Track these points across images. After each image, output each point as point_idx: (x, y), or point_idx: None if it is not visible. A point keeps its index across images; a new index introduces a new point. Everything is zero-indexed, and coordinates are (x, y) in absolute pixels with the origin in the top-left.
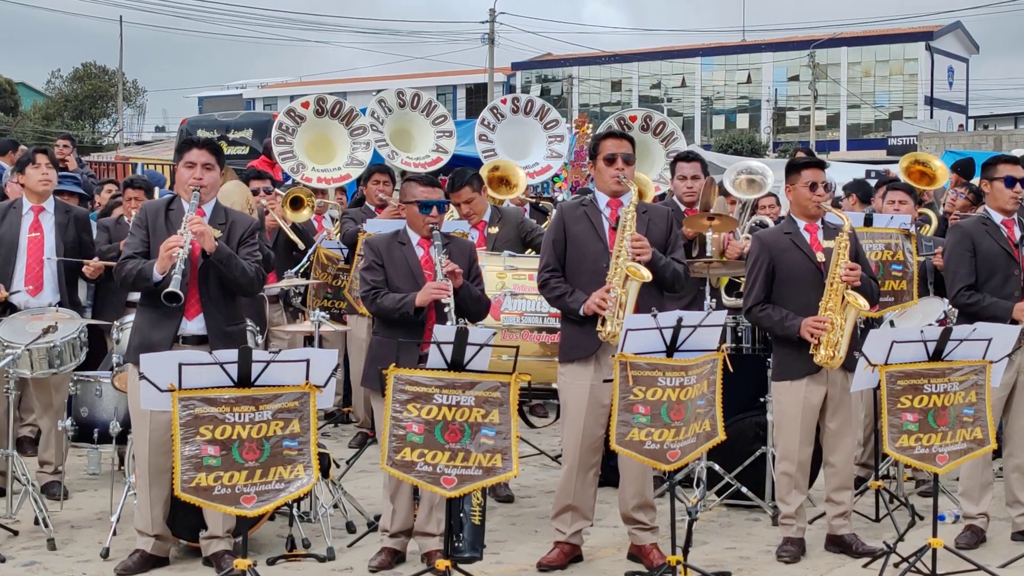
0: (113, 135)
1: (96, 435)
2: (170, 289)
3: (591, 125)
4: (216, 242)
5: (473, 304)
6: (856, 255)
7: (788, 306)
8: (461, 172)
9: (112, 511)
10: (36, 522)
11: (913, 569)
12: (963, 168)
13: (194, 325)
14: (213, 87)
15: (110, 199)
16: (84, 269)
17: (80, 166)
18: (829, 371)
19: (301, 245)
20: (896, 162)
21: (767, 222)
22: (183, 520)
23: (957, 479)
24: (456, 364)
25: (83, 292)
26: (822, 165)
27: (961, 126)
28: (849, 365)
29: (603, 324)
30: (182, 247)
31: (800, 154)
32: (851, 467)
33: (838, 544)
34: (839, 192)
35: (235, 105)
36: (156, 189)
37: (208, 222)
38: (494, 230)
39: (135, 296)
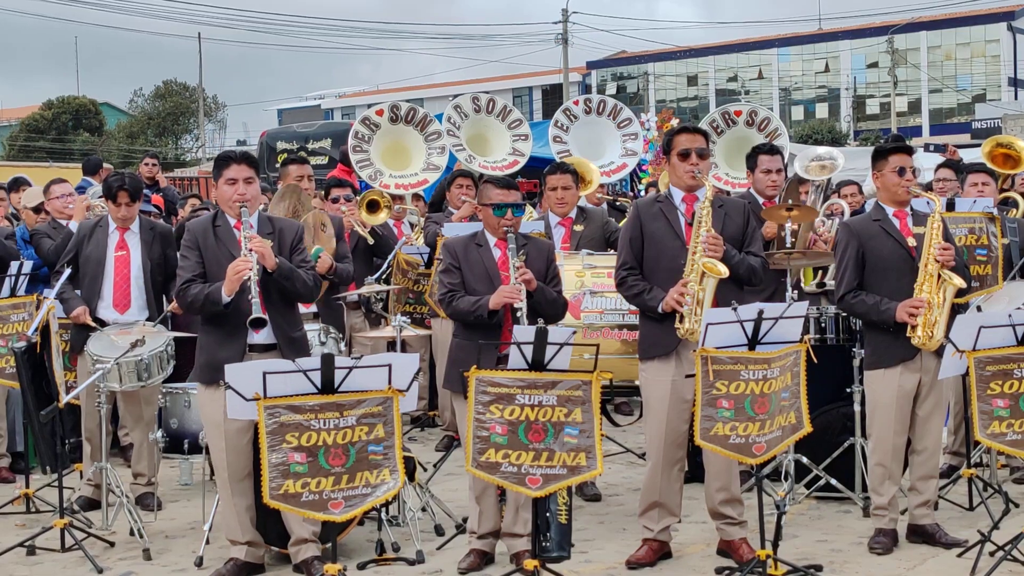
0: (195, 150)
1: (186, 446)
2: (255, 315)
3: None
4: (277, 259)
5: (549, 307)
6: (947, 239)
7: (880, 293)
8: (564, 162)
9: (204, 520)
10: (131, 533)
11: (1009, 557)
12: None
13: (259, 335)
14: (292, 99)
15: (192, 213)
16: (170, 309)
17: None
18: (923, 358)
19: (371, 240)
20: (978, 146)
21: (843, 205)
22: (273, 527)
23: None
24: (537, 364)
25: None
26: (910, 150)
27: None
28: (942, 351)
29: (681, 321)
30: (251, 270)
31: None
32: (939, 455)
33: (920, 534)
34: (927, 177)
35: (314, 116)
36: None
37: (256, 233)
38: (579, 228)
39: None
